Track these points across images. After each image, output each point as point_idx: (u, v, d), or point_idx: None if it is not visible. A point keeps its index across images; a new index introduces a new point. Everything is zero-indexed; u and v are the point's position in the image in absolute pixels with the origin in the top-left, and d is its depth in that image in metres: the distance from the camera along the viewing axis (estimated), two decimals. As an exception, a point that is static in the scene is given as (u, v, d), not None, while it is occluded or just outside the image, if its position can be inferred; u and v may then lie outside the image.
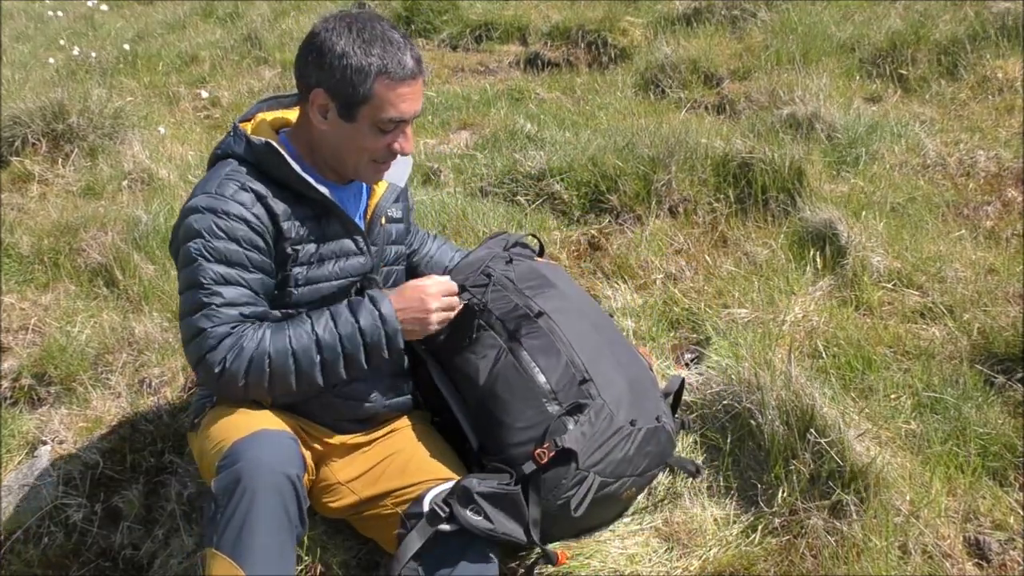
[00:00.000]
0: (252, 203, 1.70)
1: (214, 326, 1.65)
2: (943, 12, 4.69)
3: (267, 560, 1.51)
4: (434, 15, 5.74)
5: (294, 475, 1.56)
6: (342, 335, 1.69)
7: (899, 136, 3.67)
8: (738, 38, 4.94)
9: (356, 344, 1.69)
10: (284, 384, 1.68)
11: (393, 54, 1.65)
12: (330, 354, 1.68)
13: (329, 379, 1.71)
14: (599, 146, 3.50)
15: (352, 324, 1.69)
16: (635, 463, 1.76)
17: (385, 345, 1.71)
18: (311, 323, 1.70)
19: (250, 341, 1.65)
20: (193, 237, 1.67)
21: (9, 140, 4.03)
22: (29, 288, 3.09)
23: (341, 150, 1.75)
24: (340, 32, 1.65)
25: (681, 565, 1.87)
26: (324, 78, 1.67)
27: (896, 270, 2.79)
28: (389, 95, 1.66)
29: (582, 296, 2.02)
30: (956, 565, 1.82)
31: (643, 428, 1.75)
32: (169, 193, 3.67)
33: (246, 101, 4.83)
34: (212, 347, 1.64)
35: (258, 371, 1.65)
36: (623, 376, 1.80)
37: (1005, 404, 2.24)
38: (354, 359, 1.70)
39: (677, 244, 3.05)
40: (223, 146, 1.80)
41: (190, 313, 1.67)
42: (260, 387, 1.68)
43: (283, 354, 1.66)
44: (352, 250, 1.85)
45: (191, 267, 1.67)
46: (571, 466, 1.66)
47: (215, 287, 1.66)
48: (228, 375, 1.64)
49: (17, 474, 2.29)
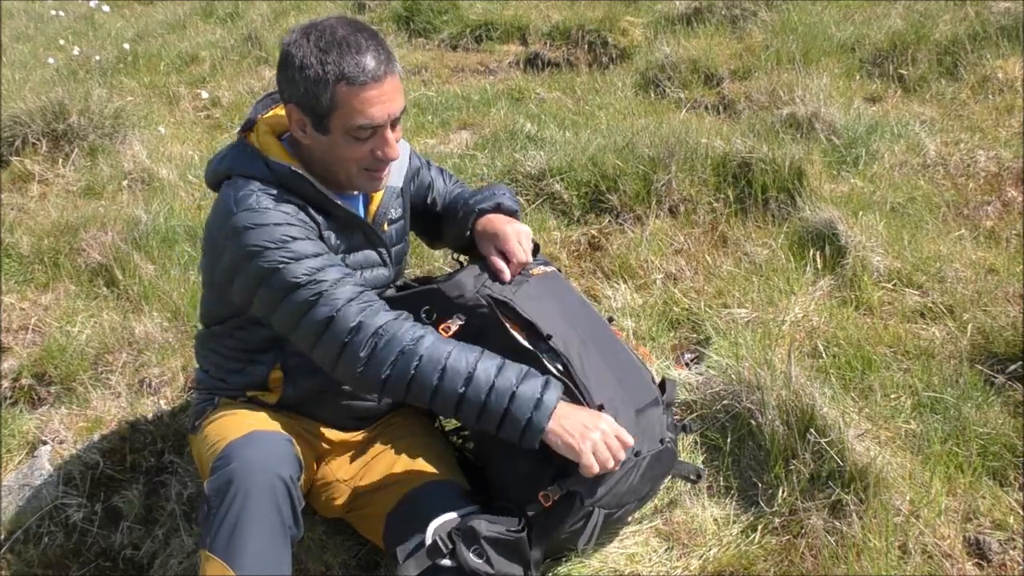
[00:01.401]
0: (295, 212, 1.66)
1: (341, 307, 1.56)
2: (943, 12, 4.69)
3: (260, 562, 1.50)
4: (434, 15, 5.74)
5: (287, 476, 1.55)
6: (495, 386, 1.55)
7: (899, 136, 3.67)
8: (738, 38, 4.94)
9: (501, 404, 1.55)
10: (420, 393, 1.57)
11: (351, 58, 1.57)
12: (474, 395, 1.55)
13: (460, 415, 1.60)
14: (599, 146, 3.50)
15: (511, 384, 1.56)
16: (639, 490, 1.76)
17: (523, 428, 1.55)
18: (477, 355, 1.59)
19: (404, 331, 1.57)
20: (259, 254, 1.59)
21: (9, 140, 4.03)
22: (29, 288, 3.09)
23: (328, 163, 1.71)
24: (299, 43, 1.60)
25: (681, 565, 1.87)
26: (292, 93, 1.63)
27: (896, 270, 2.79)
28: (352, 102, 1.59)
29: (581, 309, 1.92)
30: (956, 565, 1.82)
31: (647, 456, 1.72)
32: (169, 193, 3.68)
33: (246, 101, 4.83)
34: (352, 328, 1.56)
35: (403, 370, 1.56)
36: (628, 402, 1.75)
37: (1005, 404, 2.24)
38: (490, 417, 1.56)
39: (677, 244, 3.05)
40: (233, 165, 1.72)
41: (305, 312, 1.58)
42: (398, 387, 1.58)
43: (434, 365, 1.55)
44: (376, 261, 1.84)
45: (275, 277, 1.58)
46: (576, 504, 1.64)
47: (316, 275, 1.58)
48: (373, 363, 1.56)
49: (17, 474, 2.29)
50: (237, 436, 1.60)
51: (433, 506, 1.69)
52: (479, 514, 1.65)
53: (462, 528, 1.60)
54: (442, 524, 1.63)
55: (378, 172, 1.73)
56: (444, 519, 1.65)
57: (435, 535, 1.61)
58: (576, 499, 1.63)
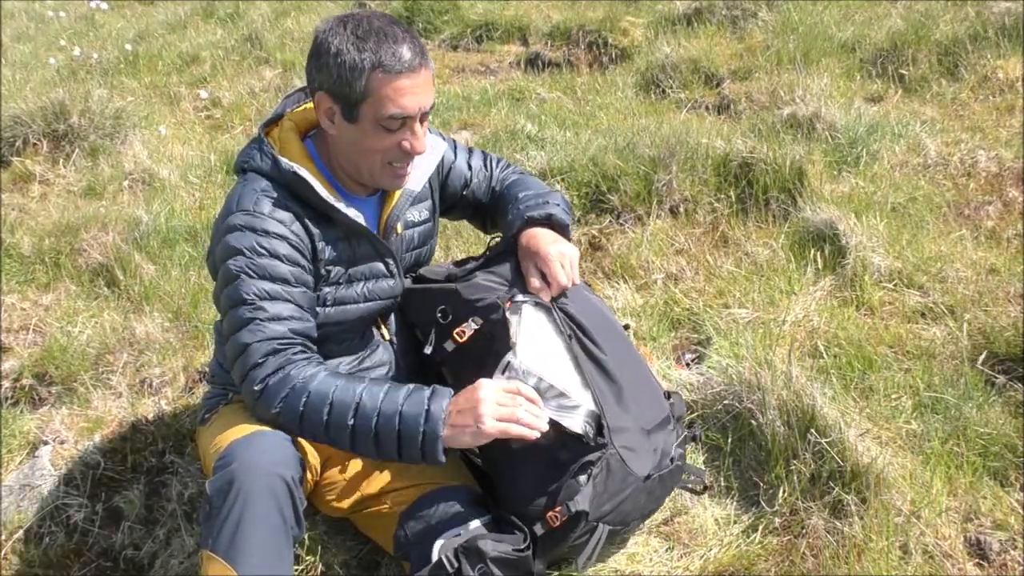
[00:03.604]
0: (291, 221, 1.66)
1: (259, 341, 1.60)
2: (944, 12, 4.69)
3: (261, 562, 1.50)
4: (435, 15, 5.74)
5: (289, 476, 1.55)
6: (382, 410, 1.55)
7: (900, 136, 3.67)
8: (739, 38, 4.94)
9: (391, 427, 1.55)
10: (314, 430, 1.60)
11: (388, 47, 1.58)
12: (362, 424, 1.55)
13: (358, 448, 1.59)
14: (600, 146, 3.50)
15: (396, 405, 1.56)
16: (645, 508, 1.76)
17: (420, 446, 1.54)
18: (364, 384, 1.59)
19: (298, 371, 1.59)
20: (234, 255, 1.63)
21: (10, 140, 4.04)
22: (30, 288, 3.10)
23: (353, 155, 1.71)
24: (336, 31, 1.61)
25: (682, 565, 1.87)
26: (324, 80, 1.63)
27: (897, 270, 2.79)
28: (386, 90, 1.59)
29: (600, 322, 1.85)
30: (956, 565, 1.82)
31: (656, 477, 1.71)
32: (170, 193, 3.68)
33: (247, 101, 4.83)
34: (257, 364, 1.59)
35: (293, 407, 1.58)
36: (639, 417, 1.74)
37: (1006, 404, 2.23)
38: (385, 443, 1.56)
39: (678, 244, 3.05)
40: (249, 159, 1.73)
41: (235, 330, 1.62)
42: (292, 422, 1.60)
43: (322, 400, 1.57)
44: (382, 272, 1.82)
45: (233, 285, 1.63)
46: (582, 522, 1.64)
47: (259, 302, 1.61)
48: (265, 399, 1.59)
49: (18, 474, 2.29)
50: (240, 436, 1.60)
51: (447, 510, 1.69)
52: (486, 531, 1.65)
53: (468, 547, 1.59)
54: (448, 542, 1.63)
55: (402, 168, 1.73)
56: (451, 536, 1.65)
57: (441, 553, 1.61)
58: (582, 515, 1.62)
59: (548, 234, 1.82)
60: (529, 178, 2.05)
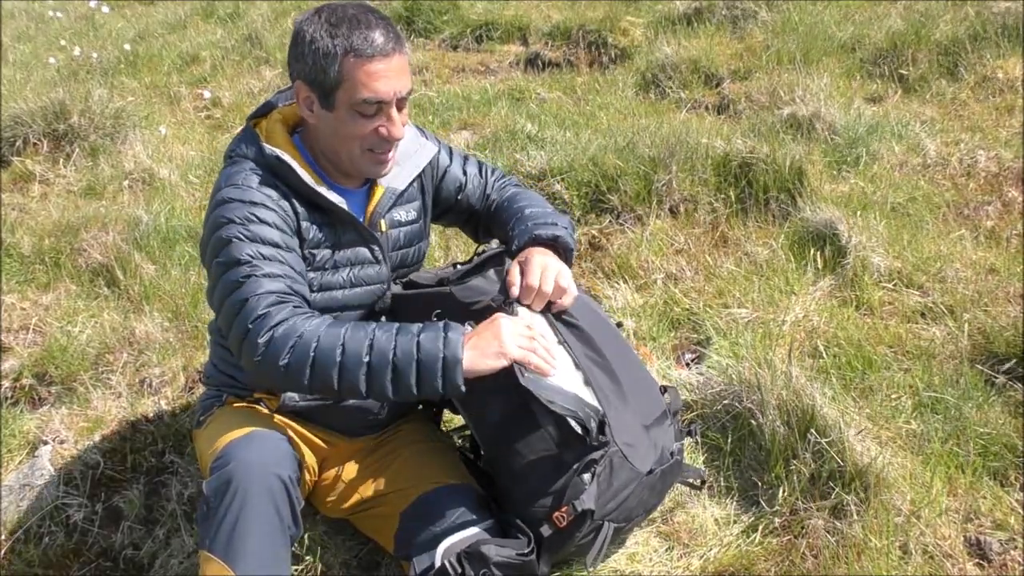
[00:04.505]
0: (278, 198, 1.68)
1: (259, 294, 1.55)
2: (943, 12, 4.69)
3: (259, 562, 1.50)
4: (435, 15, 5.73)
5: (286, 476, 1.55)
6: (398, 343, 1.53)
7: (899, 136, 3.67)
8: (739, 38, 4.94)
9: (409, 357, 1.52)
10: (325, 377, 1.53)
11: (360, 32, 1.60)
12: (379, 359, 1.52)
13: (373, 388, 1.54)
14: (600, 146, 3.50)
15: (413, 336, 1.54)
16: (648, 503, 1.76)
17: (440, 371, 1.52)
18: (374, 325, 1.57)
19: (303, 320, 1.55)
20: (225, 225, 1.62)
21: (10, 140, 4.04)
22: (30, 288, 3.10)
23: (333, 142, 1.72)
24: (311, 20, 1.64)
25: (681, 565, 1.87)
26: (301, 69, 1.65)
27: (896, 270, 2.79)
28: (359, 74, 1.60)
29: (594, 320, 1.85)
30: (956, 565, 1.82)
31: (657, 471, 1.72)
32: (170, 193, 3.68)
33: (247, 101, 4.83)
34: (260, 316, 1.54)
35: (302, 354, 1.52)
36: (638, 413, 1.74)
37: (1005, 404, 2.23)
38: (403, 375, 1.52)
39: (678, 244, 3.05)
40: (236, 148, 1.76)
41: (231, 291, 1.58)
42: (300, 374, 1.53)
43: (333, 342, 1.52)
44: (367, 258, 1.81)
45: (226, 249, 1.60)
46: (588, 521, 1.63)
47: (255, 261, 1.59)
48: (272, 350, 1.52)
49: (18, 474, 2.29)
50: (236, 436, 1.60)
51: (449, 510, 1.69)
52: (490, 535, 1.65)
53: (472, 552, 1.59)
54: (452, 546, 1.63)
55: (382, 155, 1.73)
56: (454, 540, 1.64)
57: (444, 558, 1.60)
58: (588, 514, 1.62)
59: (546, 253, 1.79)
60: (531, 193, 2.04)
